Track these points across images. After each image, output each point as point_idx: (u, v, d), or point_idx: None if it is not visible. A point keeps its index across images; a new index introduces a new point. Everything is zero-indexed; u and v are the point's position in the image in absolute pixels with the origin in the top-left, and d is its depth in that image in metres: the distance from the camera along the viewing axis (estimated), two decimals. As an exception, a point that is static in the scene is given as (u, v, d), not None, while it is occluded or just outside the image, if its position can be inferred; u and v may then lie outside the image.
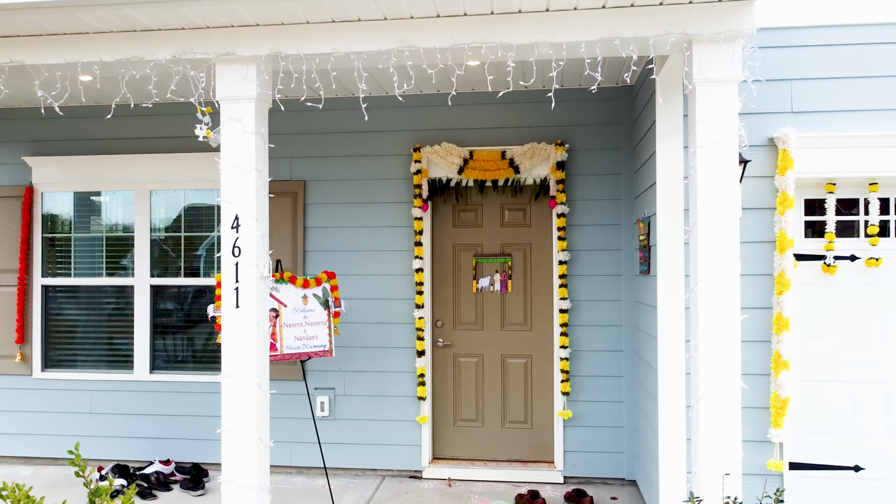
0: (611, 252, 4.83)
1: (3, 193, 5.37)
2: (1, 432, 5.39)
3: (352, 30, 3.24)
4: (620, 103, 4.78)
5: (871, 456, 3.75)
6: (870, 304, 3.76)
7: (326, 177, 5.06)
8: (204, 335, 5.28)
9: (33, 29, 3.36)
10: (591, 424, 4.84)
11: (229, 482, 3.38)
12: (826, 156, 3.64)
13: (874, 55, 3.63)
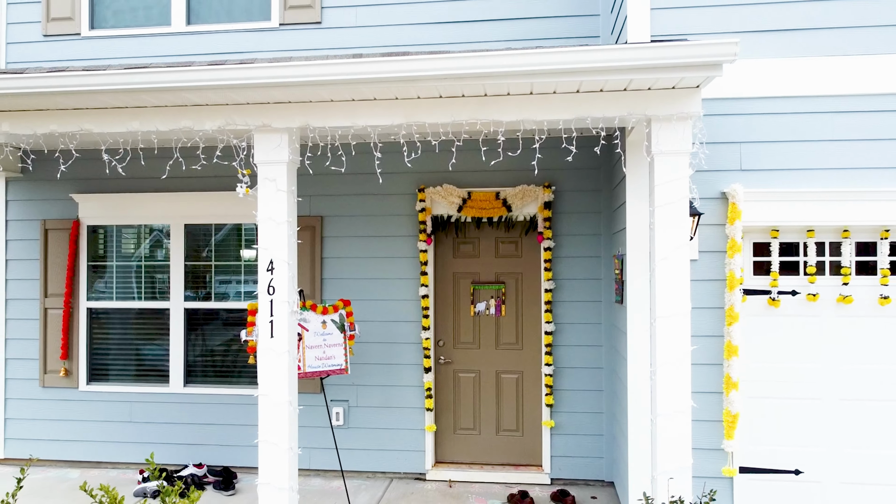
0: (592, 281, 5.48)
1: (53, 226, 6.03)
2: (50, 439, 6.05)
3: (369, 107, 3.89)
4: (600, 150, 5.43)
5: (810, 461, 4.39)
6: (809, 332, 4.40)
7: (341, 213, 5.71)
8: (232, 353, 5.94)
9: (101, 104, 4.01)
10: (574, 433, 5.50)
11: (265, 484, 4.04)
12: (770, 207, 4.29)
13: (810, 122, 4.28)
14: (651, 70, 3.41)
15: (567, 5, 5.53)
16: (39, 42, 6.13)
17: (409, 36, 5.68)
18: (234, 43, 5.87)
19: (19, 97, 3.93)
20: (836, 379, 4.38)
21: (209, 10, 5.95)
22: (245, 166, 4.20)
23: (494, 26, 5.59)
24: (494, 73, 3.51)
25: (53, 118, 4.10)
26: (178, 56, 5.92)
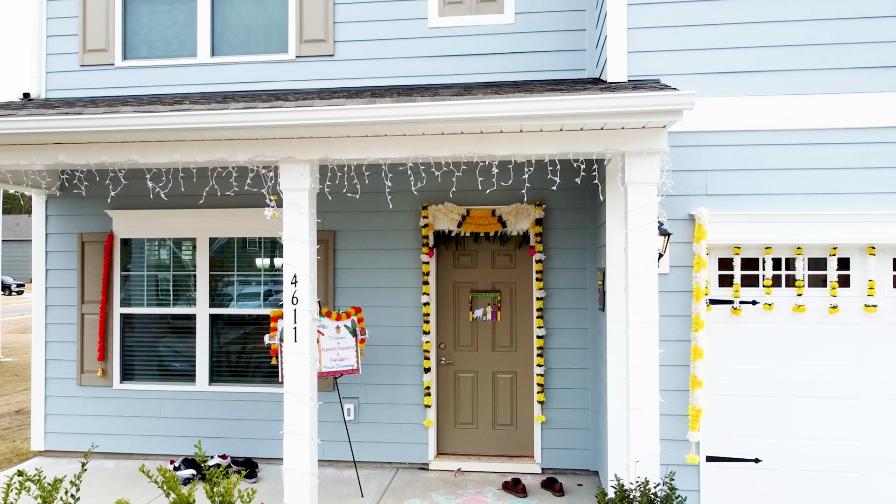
0: (579, 290, 6.08)
1: (89, 239, 6.63)
2: (87, 433, 6.65)
3: (380, 142, 4.48)
4: (586, 171, 6.01)
5: (768, 451, 4.98)
6: (767, 337, 4.99)
7: (352, 228, 6.31)
8: (252, 354, 6.53)
9: (147, 139, 4.61)
10: (563, 427, 6.09)
11: (290, 469, 4.63)
12: (733, 228, 4.87)
13: (767, 153, 4.86)
14: (621, 115, 4.01)
15: (556, 41, 6.11)
16: (76, 71, 6.73)
17: (413, 68, 6.27)
18: (254, 73, 6.47)
19: (77, 134, 4.53)
20: (791, 379, 4.96)
21: (232, 43, 6.55)
22: (271, 192, 4.80)
23: (489, 59, 6.18)
24: (488, 117, 4.11)
25: (105, 150, 4.69)
26: (204, 84, 6.51)
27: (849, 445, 4.91)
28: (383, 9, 6.30)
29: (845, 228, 4.79)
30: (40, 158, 4.77)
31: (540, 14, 6.14)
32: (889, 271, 4.90)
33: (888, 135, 4.76)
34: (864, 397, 4.90)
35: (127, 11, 6.67)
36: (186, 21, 6.59)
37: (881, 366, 4.88)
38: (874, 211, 4.76)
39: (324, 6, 6.35)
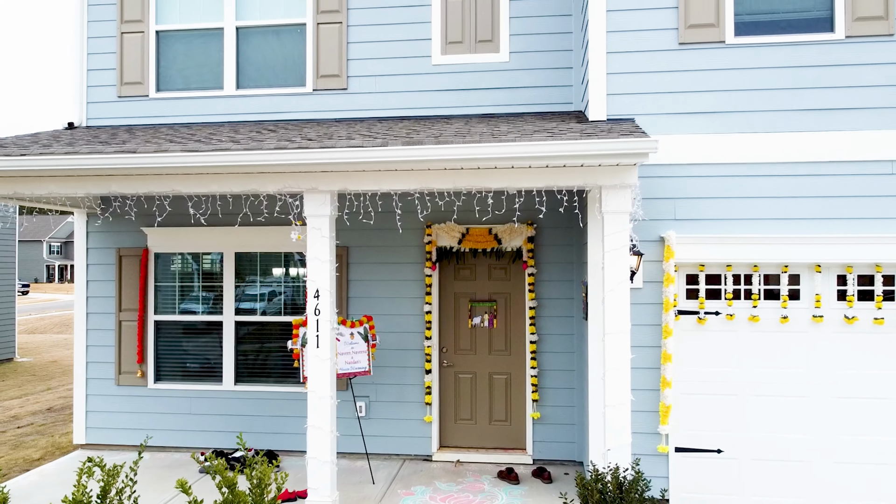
0: (566, 300, 6.81)
1: (127, 254, 7.36)
2: (124, 428, 7.38)
3: (392, 176, 5.20)
4: (568, 201, 6.73)
5: (728, 443, 5.71)
6: (728, 343, 5.72)
7: (364, 244, 7.03)
8: (273, 358, 7.26)
9: (188, 173, 5.33)
10: (552, 423, 6.82)
11: (312, 458, 5.36)
12: (698, 248, 5.60)
13: (727, 184, 5.58)
14: (596, 157, 4.74)
15: (546, 77, 6.84)
16: (114, 102, 7.46)
17: (418, 100, 6.99)
18: (275, 104, 7.19)
19: (129, 169, 5.25)
20: (749, 380, 5.69)
21: (255, 77, 7.27)
22: (296, 218, 5.52)
23: (487, 93, 6.91)
24: (484, 158, 4.84)
25: (152, 182, 5.42)
26: (229, 114, 7.24)
27: (799, 438, 5.64)
28: (392, 47, 7.03)
29: (795, 249, 5.52)
30: (96, 188, 5.50)
31: (532, 53, 6.87)
32: (833, 286, 5.62)
33: (829, 168, 5.48)
34: (812, 396, 5.63)
35: (160, 48, 7.40)
36: (214, 57, 7.31)
37: (826, 368, 5.61)
38: (820, 234, 5.48)
39: (338, 45, 7.07)
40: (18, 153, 5.32)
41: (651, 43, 5.70)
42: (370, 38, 7.07)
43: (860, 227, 5.47)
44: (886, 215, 5.44)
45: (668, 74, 5.68)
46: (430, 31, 7.00)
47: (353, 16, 7.09)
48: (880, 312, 5.55)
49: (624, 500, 4.43)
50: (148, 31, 7.37)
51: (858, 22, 5.50)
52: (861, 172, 5.47)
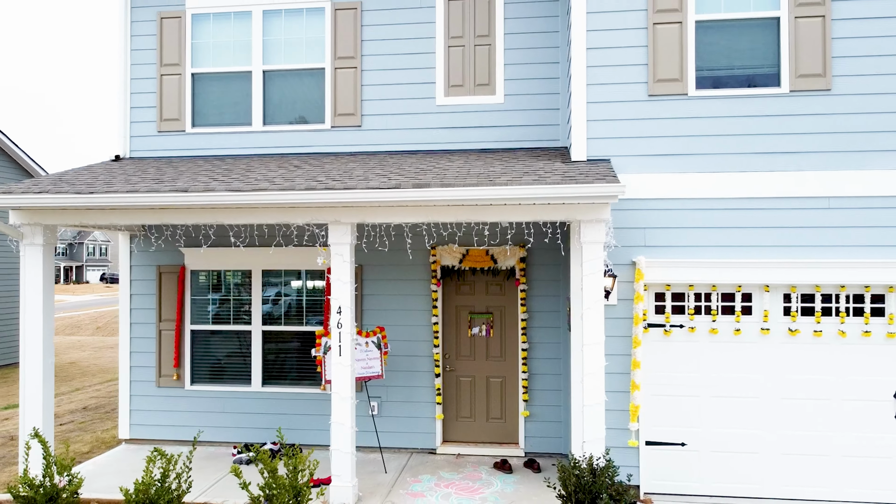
0: (554, 313, 7.76)
1: (166, 270, 8.32)
2: (163, 425, 8.34)
3: (402, 211, 6.15)
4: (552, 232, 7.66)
5: (691, 437, 6.66)
6: (690, 352, 6.67)
7: (377, 263, 7.98)
8: (297, 362, 8.21)
9: (230, 209, 6.28)
10: (541, 420, 7.78)
11: (336, 450, 6.32)
12: (664, 271, 6.55)
13: (689, 216, 6.53)
14: (575, 198, 5.70)
15: (536, 117, 7.80)
16: (154, 136, 8.42)
17: (424, 137, 7.95)
18: (298, 139, 8.15)
19: (180, 205, 6.21)
20: (708, 383, 6.64)
21: (279, 115, 8.23)
22: (322, 245, 6.48)
23: (484, 131, 7.87)
24: (481, 198, 5.79)
25: (199, 215, 6.38)
26: (257, 148, 8.20)
27: (751, 433, 6.59)
28: (400, 90, 7.99)
29: (747, 272, 6.47)
30: (151, 220, 6.46)
31: (524, 96, 7.82)
32: (780, 303, 6.58)
33: (776, 203, 6.43)
34: (762, 397, 6.58)
35: (195, 89, 8.36)
36: (243, 97, 8.27)
37: (774, 374, 6.56)
38: (768, 259, 6.44)
39: (353, 87, 8.03)
40: (87, 191, 6.28)
41: (625, 94, 6.65)
42: (381, 82, 8.03)
43: (802, 253, 6.42)
44: (824, 243, 6.40)
45: (640, 122, 6.63)
46: (435, 76, 7.95)
47: (366, 61, 8.05)
48: (819, 326, 6.50)
49: (596, 483, 5.38)
50: (184, 73, 8.33)
51: (801, 78, 6.45)
52: (802, 207, 6.43)
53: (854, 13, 6.39)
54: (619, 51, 6.66)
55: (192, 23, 8.33)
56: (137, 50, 8.44)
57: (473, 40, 7.90)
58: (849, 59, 6.39)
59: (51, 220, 6.60)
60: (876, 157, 6.35)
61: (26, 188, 6.53)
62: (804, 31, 6.43)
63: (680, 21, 6.58)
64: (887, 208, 6.33)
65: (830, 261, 6.37)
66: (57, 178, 7.03)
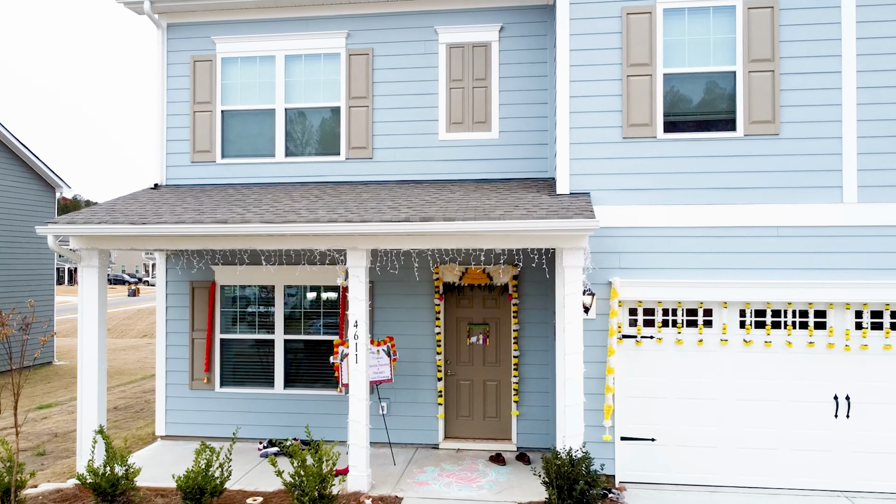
0: (542, 324, 8.80)
1: (197, 286, 9.35)
2: (195, 423, 9.37)
3: (411, 239, 7.18)
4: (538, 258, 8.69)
5: (659, 433, 7.69)
6: (658, 360, 7.70)
7: (386, 280, 9.01)
8: (315, 367, 9.24)
9: (263, 236, 7.31)
10: (531, 419, 8.81)
11: (353, 444, 7.35)
12: (636, 290, 7.58)
13: (657, 242, 7.56)
14: (557, 231, 6.73)
15: (527, 151, 8.83)
16: (187, 166, 9.45)
17: (427, 168, 8.98)
18: (316, 169, 9.19)
19: (220, 233, 7.23)
20: (675, 386, 7.67)
21: (299, 148, 9.27)
22: (341, 267, 7.52)
23: (481, 163, 8.90)
24: (478, 230, 6.83)
25: (236, 242, 7.41)
26: (279, 177, 9.23)
27: (711, 430, 7.62)
28: (407, 126, 9.02)
29: (708, 291, 7.50)
30: (193, 245, 7.49)
31: (517, 132, 8.86)
32: (737, 318, 7.61)
33: (732, 232, 7.47)
34: (720, 399, 7.61)
35: (224, 124, 9.39)
36: (267, 131, 9.31)
37: (731, 378, 7.59)
38: (725, 280, 7.47)
39: (365, 124, 9.07)
40: (140, 221, 7.31)
41: (602, 137, 7.69)
42: (391, 119, 9.07)
43: (755, 275, 7.45)
44: (773, 266, 7.43)
45: (615, 160, 7.67)
46: (438, 114, 8.99)
47: (377, 101, 9.09)
48: (769, 337, 7.54)
49: (573, 471, 6.41)
50: (215, 110, 9.37)
51: (754, 124, 7.49)
52: (755, 235, 7.46)
53: (799, 69, 7.43)
54: (597, 99, 7.70)
55: (221, 65, 9.37)
56: (173, 89, 9.48)
57: (472, 83, 8.94)
58: (794, 108, 7.43)
59: (106, 245, 7.63)
60: (816, 193, 7.39)
61: (86, 218, 7.57)
62: (757, 83, 7.47)
63: (650, 74, 7.62)
64: (827, 237, 7.36)
65: (779, 282, 7.41)
66: (110, 208, 8.06)
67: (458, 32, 8.94)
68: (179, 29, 9.47)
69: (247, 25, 9.34)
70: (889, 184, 7.31)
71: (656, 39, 7.61)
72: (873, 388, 7.41)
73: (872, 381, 7.41)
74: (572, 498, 6.36)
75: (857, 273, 7.32)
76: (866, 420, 7.40)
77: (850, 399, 7.43)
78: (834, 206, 7.37)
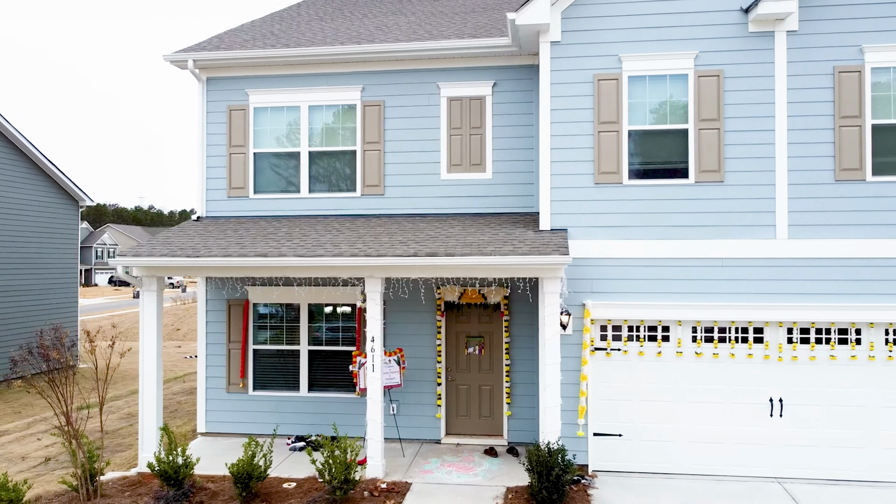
0: (529, 337, 10.32)
1: (233, 304, 10.88)
2: (231, 421, 10.88)
3: (418, 269, 8.70)
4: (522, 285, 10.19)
5: (626, 430, 9.20)
6: (625, 369, 9.21)
7: (396, 299, 10.53)
8: (335, 374, 10.76)
9: (296, 267, 8.84)
10: (519, 418, 10.33)
11: (370, 439, 8.89)
12: (606, 310, 9.09)
13: (623, 271, 9.07)
14: (538, 264, 8.25)
15: (517, 190, 10.35)
16: (224, 200, 10.98)
17: (431, 203, 10.49)
18: (336, 204, 10.71)
19: (260, 265, 8.75)
20: (638, 391, 9.19)
21: (321, 185, 10.79)
22: (361, 292, 9.03)
23: (477, 199, 10.42)
24: (473, 264, 8.36)
25: (272, 271, 8.93)
26: (304, 210, 10.75)
27: (668, 427, 9.14)
28: (414, 167, 10.55)
29: (665, 312, 9.02)
30: (236, 274, 9.02)
31: (507, 173, 10.39)
32: (689, 333, 9.13)
33: (685, 262, 8.98)
34: (676, 401, 9.13)
35: (256, 164, 10.92)
36: (293, 171, 10.83)
37: (685, 384, 9.11)
38: (679, 303, 8.99)
39: (378, 164, 10.59)
40: (194, 255, 8.83)
41: (578, 182, 9.21)
42: (400, 161, 10.59)
43: (704, 298, 8.97)
44: (719, 291, 8.94)
45: (588, 202, 9.18)
46: (440, 157, 10.51)
47: (388, 146, 10.61)
48: (716, 350, 9.06)
49: (550, 460, 7.93)
50: (248, 152, 10.90)
51: (703, 172, 9.00)
52: (704, 265, 8.98)
53: (740, 127, 8.95)
54: (573, 150, 9.22)
55: (254, 114, 10.90)
56: (211, 134, 11.00)
57: (469, 130, 10.46)
58: (736, 160, 8.95)
59: (163, 273, 9.16)
60: (754, 230, 8.91)
61: (148, 252, 9.09)
62: (705, 139, 8.99)
63: (617, 130, 9.14)
64: (763, 267, 8.89)
65: (724, 304, 8.92)
66: (165, 241, 9.59)
67: (457, 87, 10.47)
68: (217, 82, 10.99)
69: (276, 80, 10.87)
70: (814, 223, 8.82)
71: (622, 101, 9.13)
72: (802, 392, 8.94)
73: (801, 387, 8.94)
74: (549, 482, 7.88)
75: (788, 297, 8.85)
76: (796, 419, 8.93)
77: (783, 401, 8.96)
78: (769, 241, 8.89)
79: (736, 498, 8.26)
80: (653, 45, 9.06)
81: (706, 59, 8.99)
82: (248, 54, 10.54)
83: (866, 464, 8.78)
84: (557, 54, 9.23)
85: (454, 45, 10.13)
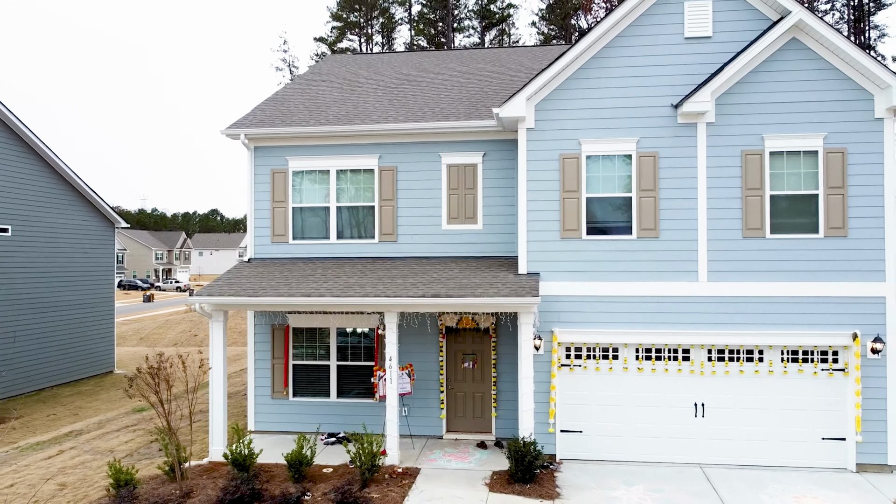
0: (513, 355, 13.02)
1: (276, 328, 13.62)
2: (274, 422, 13.63)
3: (424, 306, 11.44)
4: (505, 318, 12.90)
5: (585, 427, 11.92)
6: (585, 381, 11.92)
7: (407, 326, 13.25)
8: (358, 384, 13.49)
9: (331, 304, 11.57)
10: (505, 418, 13.06)
11: (389, 435, 11.66)
12: (570, 336, 11.80)
13: (585, 305, 11.78)
14: (513, 303, 10.99)
15: (503, 238, 13.07)
16: (268, 245, 13.71)
17: (434, 248, 13.22)
18: (357, 248, 13.43)
19: (301, 302, 11.47)
20: (595, 397, 11.90)
21: (346, 233, 13.51)
22: (380, 322, 11.77)
23: (470, 245, 13.14)
24: (468, 303, 11.09)
25: (312, 307, 11.67)
26: (332, 254, 13.48)
27: (618, 425, 11.86)
28: (420, 219, 13.27)
29: (616, 337, 11.74)
30: (284, 309, 11.75)
31: (495, 225, 13.11)
32: (634, 353, 11.85)
33: (629, 299, 11.70)
34: (625, 405, 11.85)
35: (294, 216, 13.65)
36: (323, 221, 13.56)
37: (632, 392, 11.83)
38: (627, 330, 11.70)
39: (392, 216, 13.32)
40: (252, 294, 11.55)
41: (547, 237, 11.92)
42: (409, 214, 13.32)
43: (644, 327, 11.69)
44: (655, 322, 11.67)
45: (556, 252, 11.90)
46: (441, 211, 13.24)
47: (400, 202, 13.34)
48: (654, 366, 11.80)
49: (525, 450, 10.64)
50: (288, 206, 13.63)
51: (643, 230, 11.73)
52: (645, 301, 11.70)
53: (671, 195, 11.67)
54: (544, 212, 11.94)
55: (292, 176, 13.63)
56: (258, 192, 13.73)
57: (464, 190, 13.19)
58: (669, 220, 11.68)
59: (227, 308, 11.89)
60: (682, 275, 11.64)
61: (219, 291, 11.82)
62: (645, 204, 11.71)
63: (577, 196, 11.86)
64: (689, 303, 11.61)
65: (659, 331, 11.65)
66: (227, 281, 12.32)
67: (454, 157, 13.20)
68: (263, 150, 13.72)
69: (310, 149, 13.59)
70: (727, 269, 11.54)
71: (582, 175, 11.85)
72: (719, 398, 11.67)
73: (718, 394, 11.67)
74: (524, 466, 10.61)
75: (708, 326, 11.57)
76: (714, 419, 11.66)
77: (705, 405, 11.69)
78: (693, 283, 11.61)
79: (665, 478, 10.99)
80: (605, 132, 11.79)
81: (646, 143, 11.71)
82: (288, 131, 13.28)
83: (768, 452, 11.52)
84: (532, 138, 11.96)
85: (452, 126, 12.87)
